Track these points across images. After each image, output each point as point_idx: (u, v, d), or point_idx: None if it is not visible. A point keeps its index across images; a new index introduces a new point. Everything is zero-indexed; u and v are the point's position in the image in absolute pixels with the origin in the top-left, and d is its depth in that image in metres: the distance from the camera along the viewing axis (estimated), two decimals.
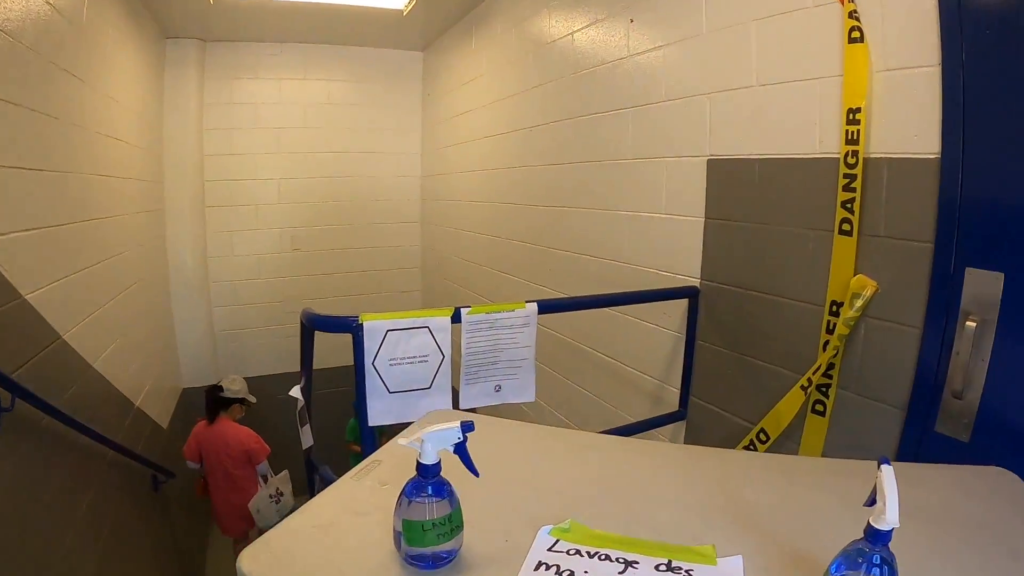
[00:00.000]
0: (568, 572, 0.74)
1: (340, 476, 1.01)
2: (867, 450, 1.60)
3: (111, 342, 3.01)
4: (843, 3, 1.57)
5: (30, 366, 2.01)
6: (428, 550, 0.74)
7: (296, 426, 2.08)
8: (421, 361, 1.55)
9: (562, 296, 3.00)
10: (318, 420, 2.08)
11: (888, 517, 0.63)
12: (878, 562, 0.65)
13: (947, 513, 0.94)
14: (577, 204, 2.88)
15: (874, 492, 0.66)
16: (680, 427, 2.24)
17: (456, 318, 1.65)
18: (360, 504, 0.90)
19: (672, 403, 2.25)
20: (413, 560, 0.75)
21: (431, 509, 0.74)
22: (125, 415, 3.12)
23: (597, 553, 0.78)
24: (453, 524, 0.75)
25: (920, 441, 1.49)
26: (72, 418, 2.20)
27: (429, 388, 1.58)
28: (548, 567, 0.76)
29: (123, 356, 3.18)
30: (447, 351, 1.61)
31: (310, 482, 3.71)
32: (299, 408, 2.09)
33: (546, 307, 1.91)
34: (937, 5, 1.38)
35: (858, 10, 1.54)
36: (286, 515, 0.88)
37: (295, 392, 2.01)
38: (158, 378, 4.01)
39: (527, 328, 1.81)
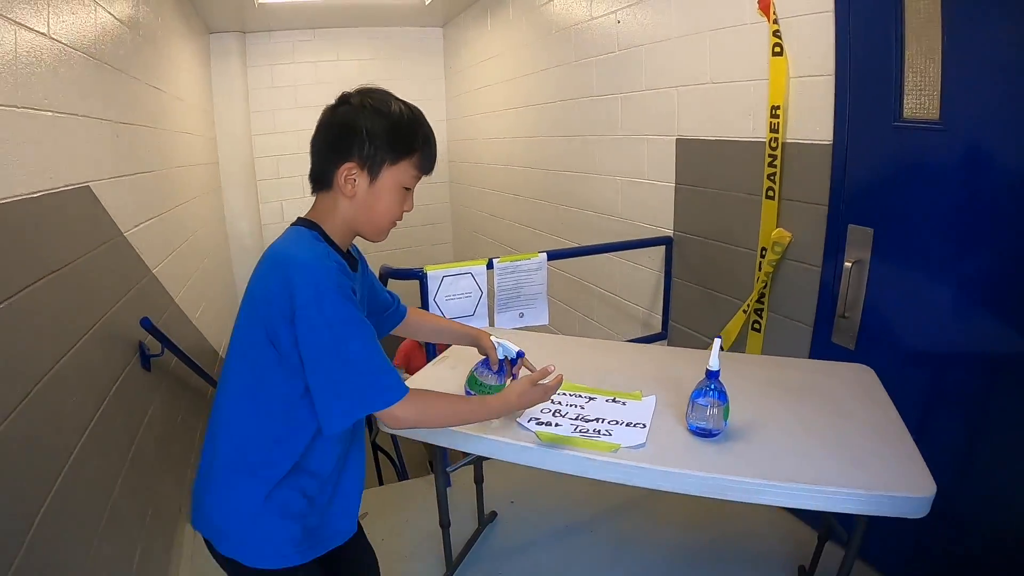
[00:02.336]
0: (558, 402, 1.40)
1: None
2: (790, 356, 2.18)
3: (201, 303, 3.67)
4: (770, 23, 2.10)
5: (160, 324, 2.58)
6: None
7: None
8: (466, 297, 2.21)
9: (570, 243, 3.62)
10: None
11: (712, 364, 1.25)
12: (712, 388, 1.26)
13: (805, 387, 1.52)
14: (582, 169, 3.45)
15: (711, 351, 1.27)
16: (663, 344, 2.86)
17: (490, 266, 2.29)
18: (442, 382, 1.55)
19: (656, 326, 2.87)
20: None
21: (491, 378, 1.38)
22: (214, 363, 3.79)
23: (575, 394, 1.44)
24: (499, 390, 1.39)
25: (823, 348, 2.05)
26: (194, 362, 2.83)
27: (473, 315, 2.24)
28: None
29: (208, 315, 3.85)
30: (484, 289, 2.25)
31: None
32: None
33: (553, 255, 2.53)
34: (834, 28, 1.88)
35: (780, 29, 2.07)
36: None
37: None
38: (229, 334, 4.70)
39: (540, 271, 2.43)
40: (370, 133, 1.06)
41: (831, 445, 1.26)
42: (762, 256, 2.21)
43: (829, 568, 1.74)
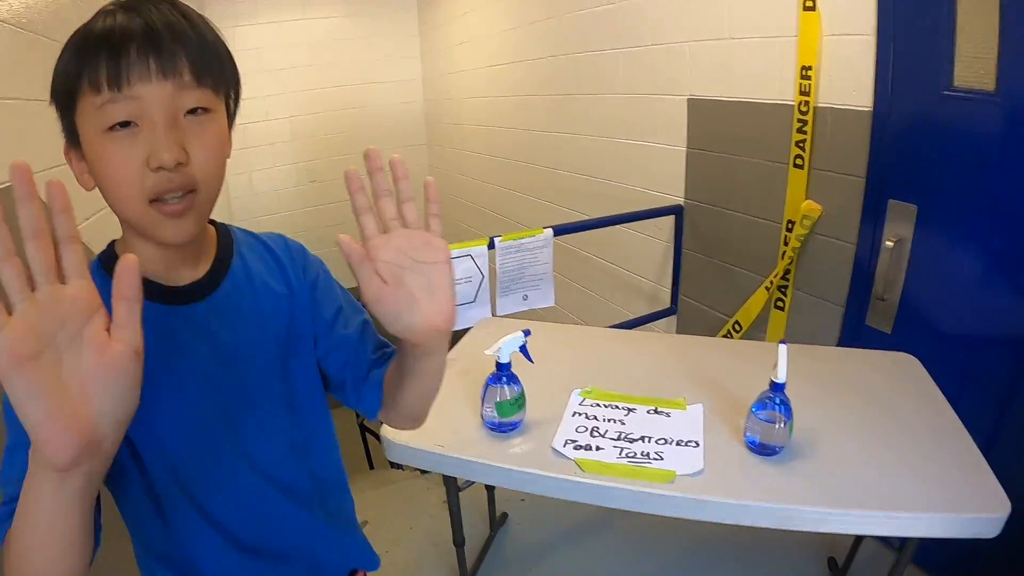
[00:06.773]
0: (593, 416, 1.22)
1: None
2: (817, 337, 2.04)
3: None
4: None
5: None
6: (507, 420, 1.19)
7: None
8: (467, 282, 1.99)
9: (564, 210, 3.42)
10: None
11: (779, 375, 1.07)
12: (778, 402, 1.10)
13: (851, 382, 1.41)
14: (577, 131, 3.21)
15: (776, 360, 1.10)
16: (672, 320, 2.70)
17: (491, 245, 2.08)
18: (450, 391, 1.35)
19: (665, 301, 2.71)
20: (493, 428, 1.20)
21: (505, 393, 1.18)
22: None
23: (610, 405, 1.26)
24: (520, 402, 1.20)
25: (855, 331, 1.93)
26: None
27: (474, 301, 2.03)
28: (580, 414, 1.23)
29: None
30: (485, 272, 2.04)
31: None
32: None
33: (560, 231, 2.29)
34: None
35: None
36: None
37: None
38: None
39: (545, 248, 2.22)
40: (53, 93, 0.69)
41: (894, 459, 1.17)
42: (788, 230, 2.05)
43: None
